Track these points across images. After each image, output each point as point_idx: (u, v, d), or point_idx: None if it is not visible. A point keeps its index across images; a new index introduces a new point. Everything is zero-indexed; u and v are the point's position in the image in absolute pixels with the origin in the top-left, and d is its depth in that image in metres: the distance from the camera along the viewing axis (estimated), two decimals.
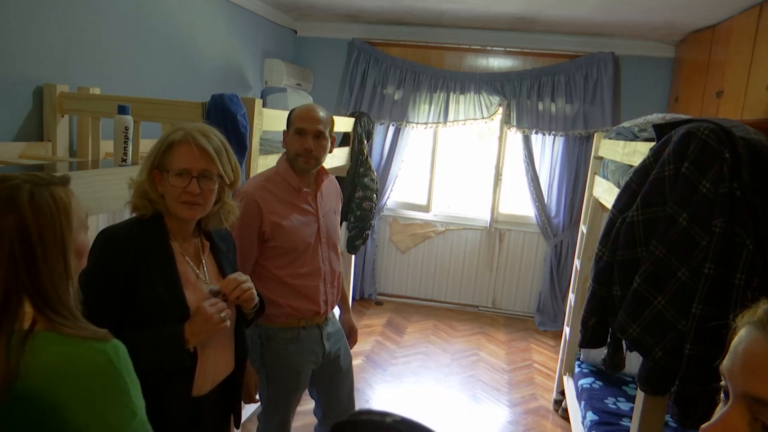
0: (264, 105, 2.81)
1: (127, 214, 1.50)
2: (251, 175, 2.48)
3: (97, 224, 2.49)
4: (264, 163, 2.65)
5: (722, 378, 0.60)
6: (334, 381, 2.21)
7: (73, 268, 1.02)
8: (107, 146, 2.31)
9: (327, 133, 2.03)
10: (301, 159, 1.99)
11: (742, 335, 0.59)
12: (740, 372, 0.57)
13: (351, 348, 2.35)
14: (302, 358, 2.06)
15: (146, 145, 2.15)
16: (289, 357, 2.04)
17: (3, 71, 2.21)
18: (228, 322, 1.42)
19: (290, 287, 2.00)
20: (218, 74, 3.91)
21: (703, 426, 0.61)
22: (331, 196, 2.18)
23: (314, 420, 2.35)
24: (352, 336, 2.39)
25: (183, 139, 1.38)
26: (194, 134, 1.38)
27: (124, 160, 1.85)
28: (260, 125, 2.50)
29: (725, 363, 0.59)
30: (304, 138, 1.98)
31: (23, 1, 2.25)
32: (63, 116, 2.42)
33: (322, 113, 2.03)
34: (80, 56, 2.59)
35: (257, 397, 1.97)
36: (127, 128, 1.85)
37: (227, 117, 2.23)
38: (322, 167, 2.12)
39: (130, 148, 1.88)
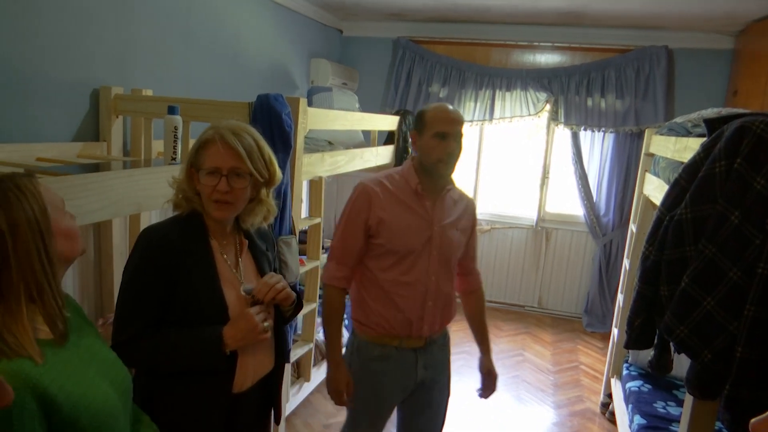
0: (310, 104, 2.86)
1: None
2: (295, 174, 2.53)
3: (150, 220, 2.59)
4: (309, 161, 2.69)
5: None
6: (419, 415, 2.01)
7: (63, 251, 1.06)
8: (159, 146, 2.40)
9: (462, 134, 1.88)
10: (442, 165, 1.84)
11: None
12: None
13: (486, 397, 2.11)
14: (388, 381, 1.91)
15: None
16: (374, 377, 1.90)
17: (63, 75, 2.32)
18: (270, 333, 1.43)
19: (386, 294, 1.86)
20: (265, 74, 3.99)
21: (753, 420, 0.60)
22: (455, 211, 1.95)
23: None
24: (489, 383, 2.10)
25: (212, 138, 1.39)
26: (224, 133, 1.38)
27: (174, 159, 1.91)
28: (305, 124, 2.54)
29: None
30: (446, 142, 1.82)
31: (81, 8, 2.36)
32: (117, 117, 2.52)
33: (457, 112, 1.88)
34: (134, 59, 2.70)
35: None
36: (176, 128, 1.91)
37: (272, 116, 2.28)
38: (452, 179, 1.96)
39: (180, 147, 1.94)
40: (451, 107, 1.88)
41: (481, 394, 2.11)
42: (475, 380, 2.13)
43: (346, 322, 3.02)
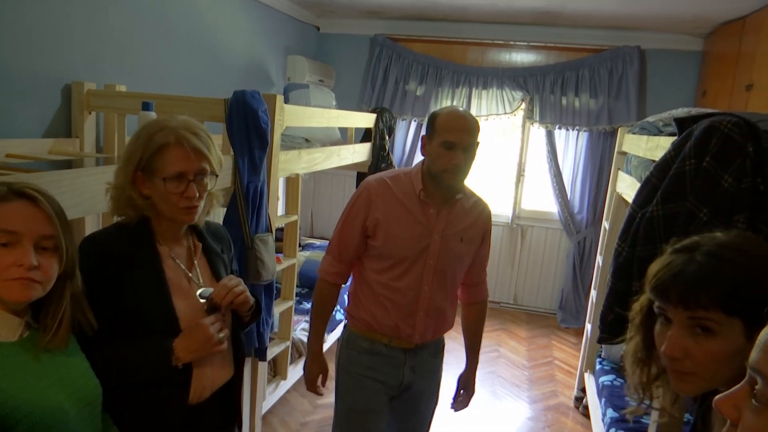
0: (286, 101, 2.84)
1: None
2: (272, 171, 2.52)
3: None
4: (285, 158, 2.68)
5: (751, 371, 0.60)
6: (404, 422, 1.98)
7: None
8: None
9: (475, 143, 1.78)
10: (447, 175, 1.74)
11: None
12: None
13: (456, 410, 2.08)
14: (374, 376, 1.86)
15: None
16: (361, 368, 1.87)
17: (33, 70, 2.28)
18: (226, 343, 1.37)
19: (375, 295, 1.83)
20: (242, 71, 3.96)
21: (716, 397, 0.63)
22: (464, 221, 1.86)
23: None
24: (463, 398, 2.07)
25: (175, 142, 1.29)
26: (185, 135, 1.30)
27: None
28: (281, 121, 2.53)
29: (753, 356, 0.60)
30: (453, 153, 1.71)
31: (51, 0, 2.31)
32: (90, 113, 2.48)
33: (470, 120, 1.76)
34: (107, 54, 2.65)
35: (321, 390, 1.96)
36: None
37: (248, 113, 2.27)
38: (464, 186, 1.88)
39: None
40: (464, 112, 1.78)
41: (452, 406, 2.08)
42: (452, 376, 2.13)
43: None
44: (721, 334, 0.87)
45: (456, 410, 2.08)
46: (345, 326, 1.99)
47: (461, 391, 2.07)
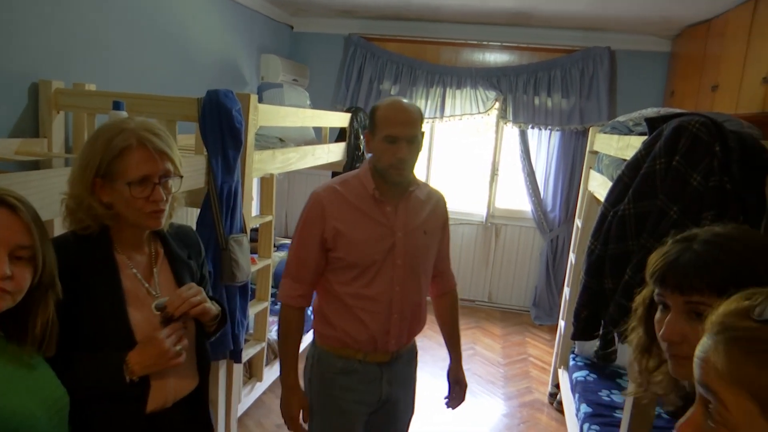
0: (260, 100, 2.82)
1: None
2: (246, 171, 2.49)
3: None
4: (259, 158, 2.66)
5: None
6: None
7: None
8: None
9: (420, 134, 1.70)
10: (393, 171, 1.67)
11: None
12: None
13: (454, 408, 2.03)
14: (351, 397, 1.77)
15: None
16: (336, 390, 1.77)
17: None
18: (184, 355, 1.30)
19: (348, 309, 1.72)
20: (214, 70, 3.91)
21: (678, 423, 0.64)
22: (422, 213, 1.80)
23: None
24: (457, 393, 2.01)
25: (138, 144, 1.23)
26: (147, 136, 1.24)
27: None
28: (255, 121, 2.51)
29: (696, 372, 0.61)
30: (397, 146, 1.64)
31: None
32: (58, 113, 2.42)
33: (413, 111, 1.68)
34: (76, 52, 2.60)
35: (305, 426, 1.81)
36: None
37: (222, 113, 2.24)
38: (415, 178, 1.81)
39: None
40: (405, 104, 1.69)
41: (448, 404, 2.02)
42: (429, 374, 2.13)
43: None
44: None
45: (453, 407, 2.02)
46: (313, 342, 1.86)
47: (456, 387, 2.02)
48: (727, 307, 0.59)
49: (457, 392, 2.02)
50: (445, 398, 2.04)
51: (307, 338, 3.61)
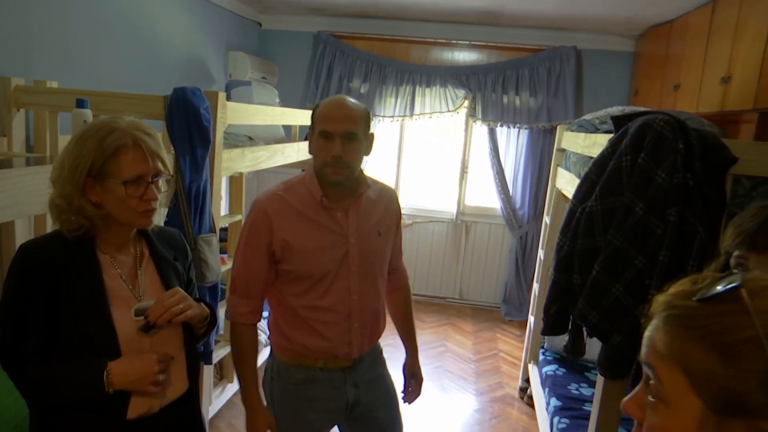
0: (228, 98, 2.78)
1: None
2: (215, 170, 2.46)
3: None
4: (228, 156, 2.63)
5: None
6: None
7: None
8: (65, 141, 2.26)
9: (362, 133, 1.59)
10: (329, 170, 1.56)
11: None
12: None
13: (410, 402, 1.98)
14: (315, 407, 1.70)
15: None
16: (298, 402, 1.70)
17: None
18: (159, 389, 1.28)
19: (303, 322, 1.64)
20: (181, 67, 3.85)
21: (623, 400, 0.66)
22: (375, 213, 1.71)
23: None
24: (413, 387, 1.97)
25: (132, 143, 1.24)
26: (140, 136, 1.25)
27: None
28: (224, 119, 2.48)
29: (642, 351, 0.63)
30: (331, 143, 1.54)
31: None
32: (18, 110, 2.35)
33: (352, 107, 1.58)
34: (37, 48, 2.52)
35: None
36: (86, 122, 1.80)
37: (190, 111, 2.21)
38: (364, 175, 1.71)
39: None
40: (346, 101, 1.60)
41: (404, 399, 1.98)
42: (401, 372, 2.10)
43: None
44: None
45: (409, 402, 1.99)
46: (271, 353, 1.78)
47: (411, 381, 1.98)
48: (674, 289, 0.61)
49: (413, 386, 1.98)
50: (402, 392, 1.99)
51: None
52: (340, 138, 1.54)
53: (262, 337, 3.20)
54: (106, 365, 1.21)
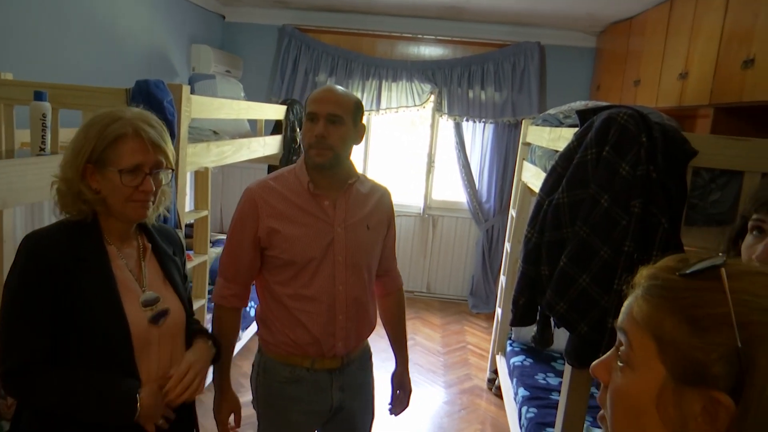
0: (192, 92, 2.73)
1: (47, 208, 1.41)
2: (180, 165, 2.41)
3: (13, 218, 2.35)
4: (193, 151, 2.58)
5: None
6: None
7: None
8: (23, 136, 2.18)
9: (349, 119, 1.62)
10: (313, 151, 1.60)
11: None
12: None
13: (397, 414, 1.95)
14: (299, 408, 1.69)
15: (66, 135, 2.04)
16: (283, 401, 1.69)
17: None
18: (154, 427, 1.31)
19: (288, 311, 1.64)
20: (142, 60, 3.75)
21: (592, 364, 0.69)
22: (364, 207, 1.72)
23: None
24: (401, 398, 1.94)
25: (133, 133, 1.24)
26: (142, 126, 1.25)
27: (42, 150, 1.75)
28: (188, 112, 2.43)
29: (620, 318, 0.66)
30: (316, 124, 1.59)
31: None
32: None
33: (339, 92, 1.63)
34: None
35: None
36: (44, 115, 1.75)
37: (153, 104, 2.15)
38: (354, 167, 1.73)
39: (49, 136, 1.78)
40: (335, 87, 1.65)
41: (391, 411, 1.96)
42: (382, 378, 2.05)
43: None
44: None
45: (396, 414, 1.96)
46: (259, 350, 1.78)
47: (398, 392, 1.95)
48: (660, 264, 0.64)
49: (401, 397, 1.95)
50: (389, 404, 1.97)
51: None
52: (324, 119, 1.58)
53: None
54: (137, 390, 1.25)
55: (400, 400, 1.95)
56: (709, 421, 0.56)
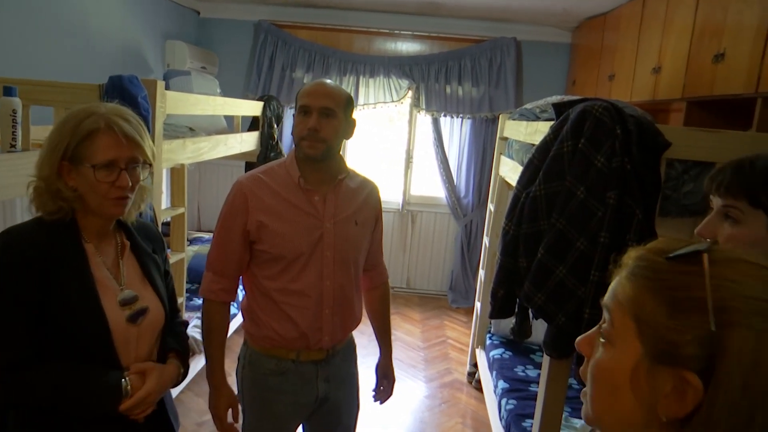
0: (167, 89, 2.69)
1: (18, 205, 1.38)
2: (155, 161, 2.38)
3: None
4: (169, 147, 2.55)
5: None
6: None
7: None
8: None
9: (341, 113, 1.63)
10: (305, 143, 1.60)
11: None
12: None
13: (382, 402, 1.99)
14: (286, 400, 1.70)
15: (38, 132, 2.00)
16: (269, 393, 1.70)
17: None
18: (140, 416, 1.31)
19: (276, 305, 1.65)
20: (116, 56, 3.69)
21: (578, 338, 0.71)
22: (353, 203, 1.72)
23: None
24: (385, 387, 1.98)
25: (105, 127, 1.22)
26: (115, 120, 1.23)
27: (13, 146, 1.71)
28: (163, 108, 2.40)
29: (606, 296, 0.68)
30: (308, 117, 1.60)
31: None
32: None
33: (332, 87, 1.65)
34: None
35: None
36: (14, 111, 1.71)
37: (126, 99, 2.11)
38: (344, 162, 1.75)
39: (20, 133, 1.74)
40: (327, 82, 1.68)
41: (375, 398, 1.99)
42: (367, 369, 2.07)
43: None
44: (746, 223, 1.04)
45: (381, 402, 1.99)
46: (245, 344, 1.78)
47: (383, 381, 1.98)
48: (651, 245, 0.66)
49: (385, 386, 1.99)
50: (373, 391, 2.00)
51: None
52: (317, 112, 1.60)
53: None
54: (123, 376, 1.25)
55: (384, 390, 1.99)
56: (678, 399, 0.57)
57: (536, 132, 2.36)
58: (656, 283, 0.60)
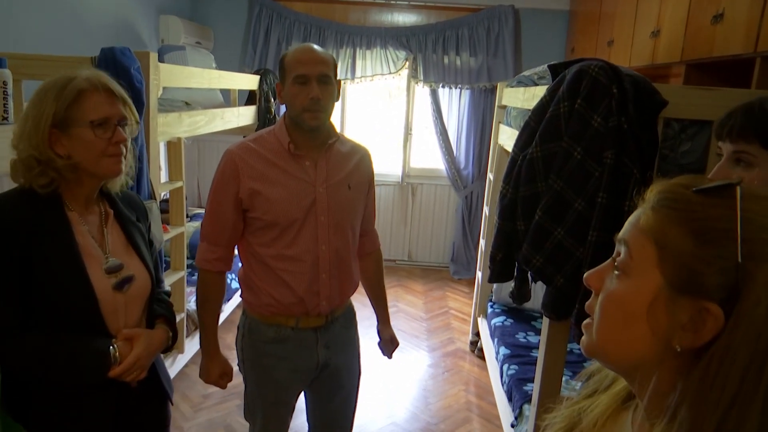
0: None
1: (6, 178, 1.38)
2: (151, 135, 2.37)
3: None
4: (165, 121, 2.54)
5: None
6: (329, 402, 1.83)
7: None
8: None
9: (334, 77, 1.62)
10: (308, 115, 1.57)
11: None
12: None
13: (390, 354, 2.02)
14: (285, 366, 1.70)
15: None
16: (268, 359, 1.70)
17: None
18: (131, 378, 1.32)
19: (272, 271, 1.64)
20: (109, 32, 3.65)
21: (586, 273, 0.71)
22: (345, 167, 1.71)
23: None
24: (387, 343, 2.01)
25: (92, 87, 1.22)
26: (100, 79, 1.23)
27: (5, 118, 1.70)
28: (157, 81, 2.38)
29: (622, 230, 0.67)
30: (308, 86, 1.55)
31: None
32: None
33: (322, 52, 1.61)
34: None
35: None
36: (5, 83, 1.69)
37: (119, 72, 2.10)
38: (333, 125, 1.71)
39: (11, 104, 1.73)
40: (315, 47, 1.62)
41: (383, 352, 2.03)
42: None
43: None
44: (759, 166, 1.05)
45: (389, 355, 2.03)
46: (243, 313, 1.79)
47: (388, 344, 2.01)
48: (674, 180, 0.65)
49: (388, 344, 2.02)
50: (378, 344, 2.03)
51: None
52: (316, 80, 1.56)
53: None
54: (111, 344, 1.26)
55: (388, 345, 2.01)
56: (695, 329, 0.58)
57: (534, 97, 2.34)
58: (684, 212, 0.60)
